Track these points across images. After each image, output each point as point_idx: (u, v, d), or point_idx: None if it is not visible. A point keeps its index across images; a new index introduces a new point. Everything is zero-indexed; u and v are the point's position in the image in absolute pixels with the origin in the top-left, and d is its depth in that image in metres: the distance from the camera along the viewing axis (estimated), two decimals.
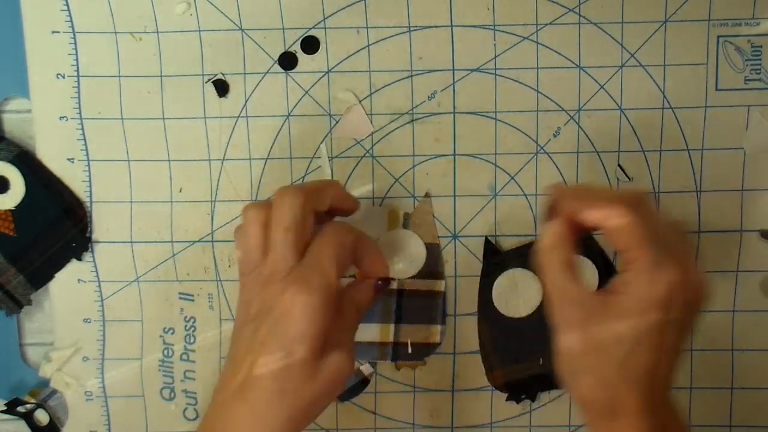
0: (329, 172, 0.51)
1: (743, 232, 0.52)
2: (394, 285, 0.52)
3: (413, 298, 0.52)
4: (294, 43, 0.50)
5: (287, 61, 0.50)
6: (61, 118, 0.51)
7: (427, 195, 0.51)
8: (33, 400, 0.53)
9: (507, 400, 0.53)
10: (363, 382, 0.53)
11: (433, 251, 0.52)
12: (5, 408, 0.52)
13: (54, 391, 0.53)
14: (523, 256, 0.51)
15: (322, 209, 0.44)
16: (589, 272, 0.51)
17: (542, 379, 0.52)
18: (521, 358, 0.52)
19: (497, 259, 0.52)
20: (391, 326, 0.52)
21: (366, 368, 0.53)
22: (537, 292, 0.52)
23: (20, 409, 0.52)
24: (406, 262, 0.51)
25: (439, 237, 0.52)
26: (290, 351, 0.40)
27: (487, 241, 0.51)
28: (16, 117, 0.52)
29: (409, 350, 0.52)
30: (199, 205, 0.52)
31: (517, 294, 0.52)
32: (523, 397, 0.53)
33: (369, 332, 0.52)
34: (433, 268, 0.52)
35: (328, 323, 0.41)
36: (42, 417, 0.53)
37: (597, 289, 0.48)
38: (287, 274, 0.41)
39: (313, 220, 0.43)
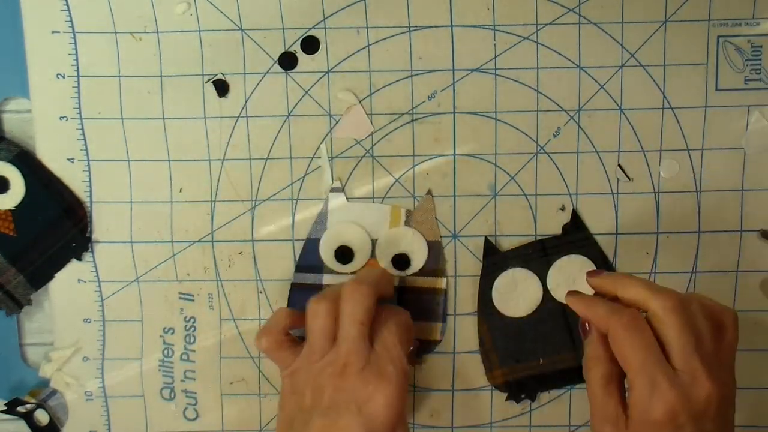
0: (329, 172, 0.51)
1: (743, 232, 0.52)
2: (396, 282, 0.52)
3: (414, 295, 0.52)
4: (294, 43, 0.50)
5: (287, 61, 0.50)
6: (61, 118, 0.51)
7: (429, 193, 0.51)
8: (33, 400, 0.53)
9: (507, 399, 0.53)
10: None
11: (435, 248, 0.52)
12: (5, 408, 0.52)
13: (54, 391, 0.53)
14: (523, 256, 0.51)
15: (384, 298, 0.48)
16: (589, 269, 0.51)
17: (542, 378, 0.52)
18: (521, 357, 0.52)
19: (497, 258, 0.52)
20: None
21: None
22: (536, 291, 0.52)
23: (20, 409, 0.52)
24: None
25: (441, 235, 0.52)
26: None
27: (486, 241, 0.51)
28: (16, 117, 0.52)
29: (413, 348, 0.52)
30: (199, 205, 0.52)
31: (517, 294, 0.52)
32: (522, 396, 0.53)
33: None
34: (434, 265, 0.52)
35: (404, 407, 0.45)
36: (42, 417, 0.53)
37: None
38: (364, 366, 0.44)
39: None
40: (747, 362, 0.53)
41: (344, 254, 0.52)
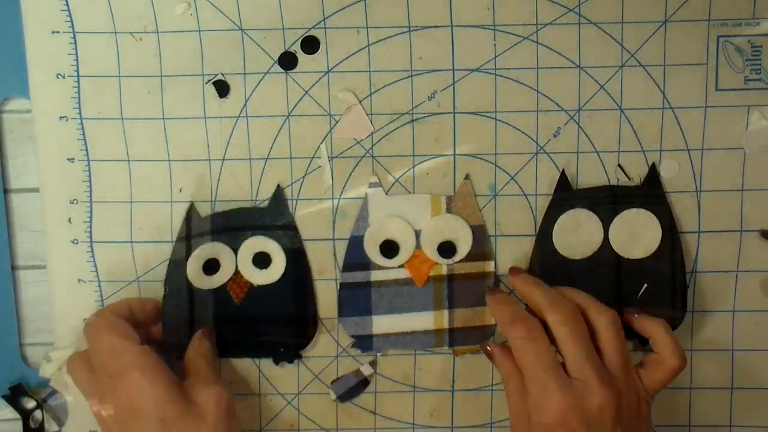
0: (329, 172, 0.51)
1: (743, 232, 0.52)
2: (444, 270, 0.52)
3: (464, 281, 0.52)
4: (294, 43, 0.50)
5: (287, 61, 0.50)
6: (61, 118, 0.51)
7: (467, 177, 0.51)
8: (34, 396, 0.53)
9: None
10: (363, 382, 0.53)
11: (479, 232, 0.52)
12: (8, 393, 0.52)
13: (54, 391, 0.53)
14: (592, 198, 0.51)
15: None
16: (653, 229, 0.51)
17: None
18: None
19: (567, 194, 0.51)
20: (445, 312, 0.52)
21: (366, 369, 0.53)
22: (597, 237, 0.51)
23: (24, 402, 0.52)
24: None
25: (483, 217, 0.52)
26: None
27: (562, 174, 0.51)
28: (16, 117, 0.52)
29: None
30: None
31: (576, 235, 0.51)
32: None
33: (423, 321, 0.52)
34: (480, 249, 0.52)
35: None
36: (37, 417, 0.53)
37: None
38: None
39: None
40: (747, 362, 0.53)
41: (390, 248, 0.51)
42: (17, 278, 0.53)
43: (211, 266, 0.51)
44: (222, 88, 0.51)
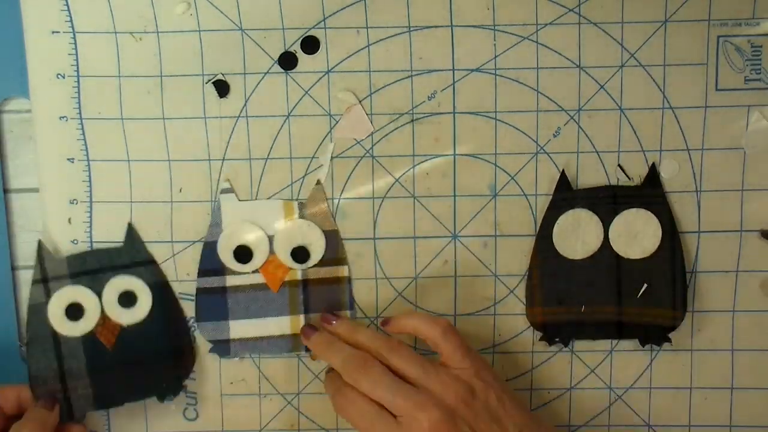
0: (326, 170, 0.51)
1: (743, 232, 0.52)
2: (299, 275, 0.52)
3: (319, 286, 0.52)
4: (294, 43, 0.50)
5: (287, 61, 0.50)
6: (61, 118, 0.51)
7: (318, 183, 0.51)
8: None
9: (540, 339, 0.52)
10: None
11: (332, 238, 0.52)
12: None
13: None
14: (592, 199, 0.51)
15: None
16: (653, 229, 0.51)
17: (580, 326, 0.52)
18: (564, 300, 0.52)
19: (567, 194, 0.51)
20: (301, 317, 0.52)
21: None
22: (597, 237, 0.51)
23: None
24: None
25: (336, 222, 0.52)
26: None
27: (562, 175, 0.51)
28: (16, 117, 0.52)
29: None
30: (199, 205, 0.52)
31: (577, 235, 0.51)
32: (556, 340, 0.52)
33: (280, 325, 0.52)
34: (333, 254, 0.52)
35: None
36: None
37: None
38: None
39: None
40: (747, 362, 0.53)
41: (243, 253, 0.52)
42: (17, 278, 0.53)
43: (74, 311, 0.51)
44: (222, 88, 0.51)
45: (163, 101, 0.51)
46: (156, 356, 0.51)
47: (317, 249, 0.52)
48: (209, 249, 0.52)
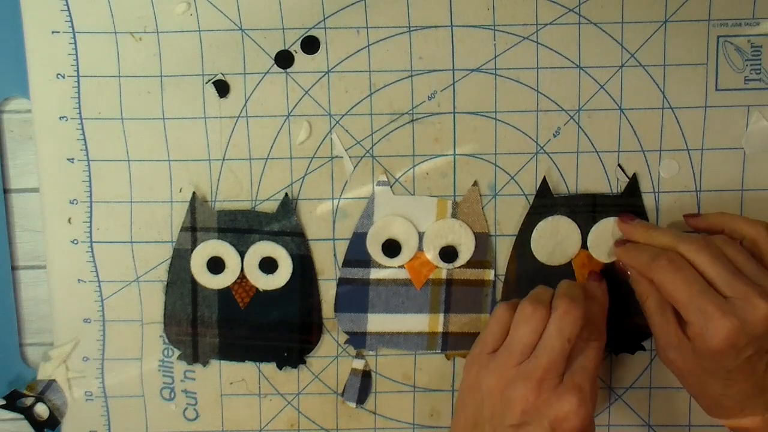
0: (348, 161, 0.51)
1: None
2: (443, 274, 0.52)
3: (462, 287, 0.52)
4: (294, 43, 0.50)
5: (284, 59, 0.50)
6: (61, 118, 0.51)
7: (475, 184, 0.51)
8: (31, 393, 0.53)
9: None
10: (366, 376, 0.53)
11: (482, 240, 0.52)
12: (4, 402, 0.52)
13: (51, 382, 0.53)
14: (572, 206, 0.51)
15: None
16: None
17: None
18: None
19: (547, 201, 0.51)
20: (441, 316, 0.52)
21: (357, 363, 0.53)
22: (575, 244, 0.51)
23: (20, 403, 0.52)
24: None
25: (488, 225, 0.52)
26: None
27: (544, 181, 0.51)
28: (16, 117, 0.52)
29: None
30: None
31: (555, 241, 0.51)
32: None
33: (418, 323, 0.52)
34: (482, 257, 0.52)
35: (593, 428, 0.45)
36: (42, 411, 0.53)
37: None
38: (558, 383, 0.44)
39: None
40: None
41: (391, 247, 0.51)
42: (17, 278, 0.53)
43: (215, 265, 0.51)
44: (222, 88, 0.51)
45: (163, 101, 0.51)
46: (284, 325, 0.52)
47: (466, 250, 0.52)
48: (358, 240, 0.52)
